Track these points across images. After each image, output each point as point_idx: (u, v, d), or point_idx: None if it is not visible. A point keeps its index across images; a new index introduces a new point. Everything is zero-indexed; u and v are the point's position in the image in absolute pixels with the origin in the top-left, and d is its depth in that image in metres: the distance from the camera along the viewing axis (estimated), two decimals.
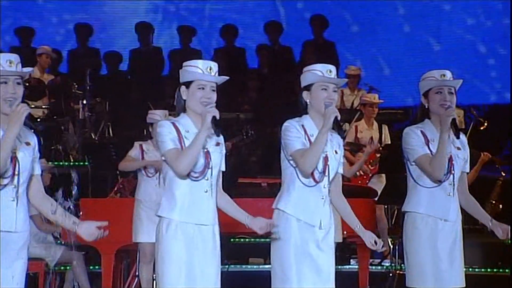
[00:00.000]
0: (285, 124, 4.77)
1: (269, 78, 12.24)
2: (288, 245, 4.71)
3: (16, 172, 4.16)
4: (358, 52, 12.99)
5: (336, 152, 4.81)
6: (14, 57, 4.20)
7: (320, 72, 4.75)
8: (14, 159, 4.14)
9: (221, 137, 4.61)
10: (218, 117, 4.43)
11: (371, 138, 9.48)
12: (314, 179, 4.72)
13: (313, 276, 4.70)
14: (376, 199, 8.41)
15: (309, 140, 4.73)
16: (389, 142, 9.45)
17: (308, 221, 4.72)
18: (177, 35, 12.62)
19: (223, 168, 4.64)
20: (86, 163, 9.63)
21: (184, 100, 4.56)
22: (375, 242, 4.78)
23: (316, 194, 4.74)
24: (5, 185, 4.14)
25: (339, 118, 4.66)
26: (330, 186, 4.81)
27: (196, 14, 13.32)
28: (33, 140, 4.29)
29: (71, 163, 9.76)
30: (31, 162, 4.25)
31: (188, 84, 4.54)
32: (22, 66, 4.23)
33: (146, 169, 7.52)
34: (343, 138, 4.87)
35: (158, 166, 7.18)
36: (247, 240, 8.71)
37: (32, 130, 4.28)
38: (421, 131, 5.05)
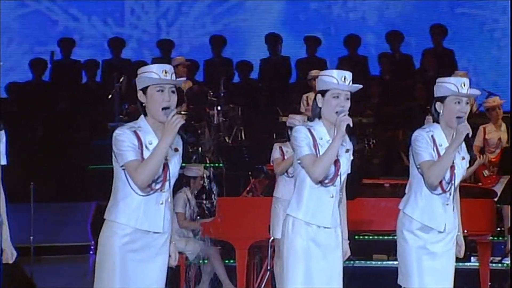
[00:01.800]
0: (415, 133, 4.68)
1: (390, 85, 12.15)
2: (411, 246, 4.67)
3: (167, 178, 4.18)
4: (476, 59, 12.74)
5: (463, 159, 4.71)
6: (169, 68, 4.23)
7: (454, 86, 4.60)
8: (165, 166, 4.16)
9: (350, 143, 4.58)
10: (351, 125, 4.39)
11: (499, 139, 9.22)
12: (442, 188, 4.66)
13: (433, 275, 4.65)
14: (496, 199, 8.25)
15: (437, 151, 4.62)
16: None
17: (433, 226, 4.67)
18: (303, 44, 12.70)
19: (349, 171, 4.60)
20: (221, 165, 9.78)
21: (320, 108, 4.54)
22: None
23: (441, 201, 4.68)
24: (156, 190, 4.16)
25: (470, 135, 4.55)
26: (455, 192, 4.75)
27: (321, 24, 13.36)
28: (181, 146, 4.29)
29: (207, 165, 9.94)
30: (178, 168, 4.27)
31: (323, 92, 4.51)
32: None
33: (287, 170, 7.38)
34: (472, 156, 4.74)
35: None
36: (371, 237, 8.68)
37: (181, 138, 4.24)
38: None
